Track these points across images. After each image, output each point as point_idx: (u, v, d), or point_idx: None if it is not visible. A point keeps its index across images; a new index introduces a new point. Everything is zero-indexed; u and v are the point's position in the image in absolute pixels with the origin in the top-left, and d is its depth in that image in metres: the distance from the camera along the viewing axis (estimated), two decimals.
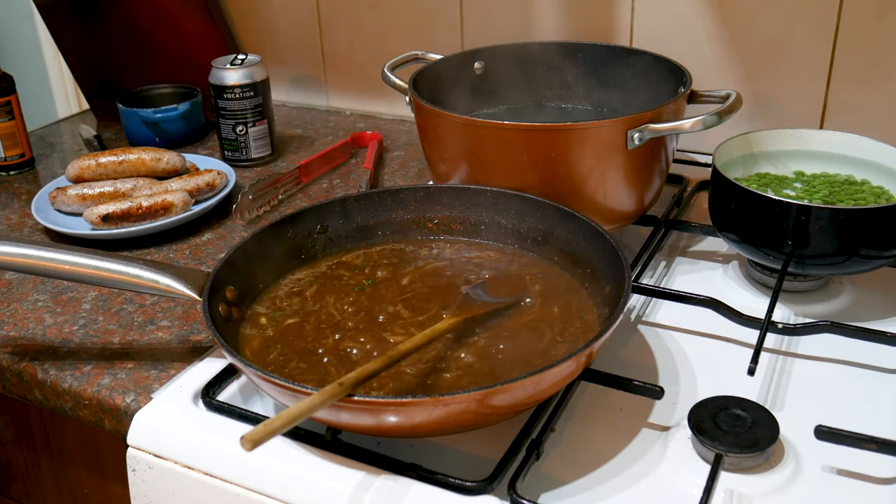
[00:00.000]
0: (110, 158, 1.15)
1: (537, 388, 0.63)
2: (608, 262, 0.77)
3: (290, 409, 0.57)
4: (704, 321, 0.83)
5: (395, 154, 1.30)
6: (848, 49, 1.08)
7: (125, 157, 1.15)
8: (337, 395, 0.60)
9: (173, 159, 1.17)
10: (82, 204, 1.11)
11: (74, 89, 1.82)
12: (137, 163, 1.15)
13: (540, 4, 1.25)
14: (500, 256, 0.88)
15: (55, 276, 0.78)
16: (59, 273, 0.78)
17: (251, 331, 0.78)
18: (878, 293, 0.88)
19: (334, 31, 1.45)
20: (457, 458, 0.68)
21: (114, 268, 0.77)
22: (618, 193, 0.92)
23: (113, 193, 1.12)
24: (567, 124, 0.88)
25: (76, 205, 1.11)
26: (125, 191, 1.12)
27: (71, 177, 1.15)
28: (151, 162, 1.15)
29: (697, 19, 1.15)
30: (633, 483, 0.65)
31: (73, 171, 1.15)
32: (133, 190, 1.12)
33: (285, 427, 0.57)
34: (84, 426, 0.87)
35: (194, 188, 1.11)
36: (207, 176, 1.13)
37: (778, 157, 0.96)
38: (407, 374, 0.70)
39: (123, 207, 1.05)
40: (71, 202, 1.11)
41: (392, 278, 0.85)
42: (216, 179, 1.14)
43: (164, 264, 0.78)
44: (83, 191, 1.11)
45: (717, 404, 0.69)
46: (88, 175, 1.14)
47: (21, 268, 0.78)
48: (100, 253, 0.78)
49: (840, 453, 0.66)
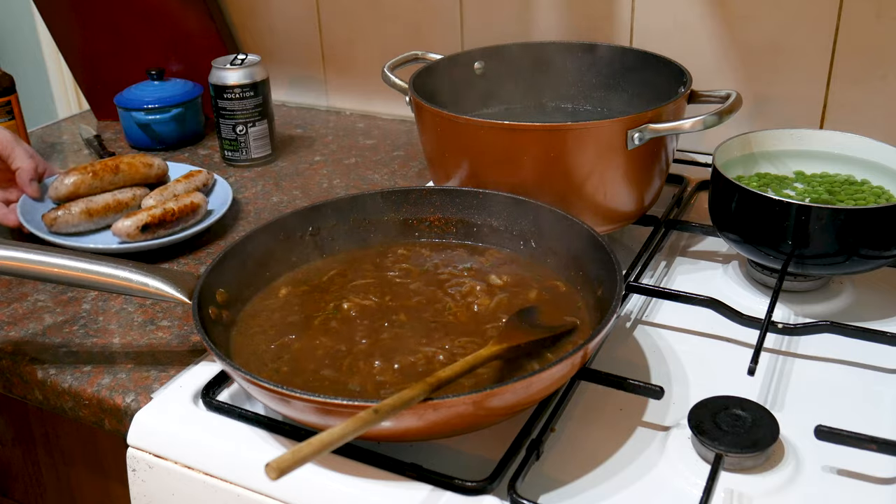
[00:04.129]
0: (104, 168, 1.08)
1: (529, 391, 0.63)
2: (601, 264, 0.76)
3: (319, 437, 0.54)
4: (704, 321, 0.83)
5: (395, 154, 1.30)
6: (848, 49, 1.08)
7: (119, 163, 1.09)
8: (371, 423, 0.56)
9: (163, 165, 1.13)
10: (90, 220, 1.03)
11: (74, 89, 1.82)
12: (132, 171, 1.09)
13: (540, 4, 1.25)
14: (496, 258, 0.88)
15: (45, 279, 0.77)
16: (48, 276, 0.76)
17: (242, 333, 0.78)
18: (878, 293, 0.88)
19: (334, 31, 1.45)
20: (457, 458, 0.68)
21: (104, 271, 0.76)
22: (618, 193, 0.92)
23: (118, 204, 1.05)
24: (567, 124, 0.88)
25: (83, 222, 1.03)
26: (127, 200, 1.07)
27: (62, 195, 1.05)
28: (144, 168, 1.10)
29: (697, 19, 1.15)
30: (633, 483, 0.65)
31: (63, 189, 1.05)
32: (133, 199, 1.07)
33: (314, 455, 0.53)
34: (84, 426, 0.87)
35: (195, 188, 1.10)
36: (201, 176, 1.11)
37: (778, 157, 0.96)
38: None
39: (157, 213, 0.99)
40: (76, 220, 1.02)
41: (382, 282, 0.84)
42: (207, 179, 1.12)
43: (154, 267, 0.78)
44: (87, 205, 1.03)
45: (717, 404, 0.69)
46: (83, 190, 1.06)
47: (10, 271, 0.77)
48: (90, 256, 0.77)
49: (840, 453, 0.66)
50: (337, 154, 1.32)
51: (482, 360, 0.68)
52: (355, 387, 0.70)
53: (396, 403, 0.58)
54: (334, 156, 1.31)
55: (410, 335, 0.76)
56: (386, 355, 0.73)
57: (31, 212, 1.05)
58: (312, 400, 0.61)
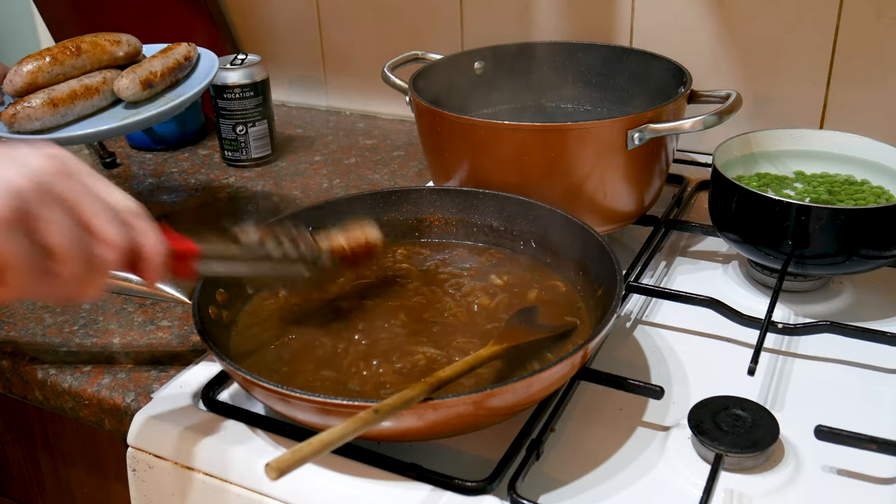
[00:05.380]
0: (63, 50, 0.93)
1: (529, 391, 0.63)
2: (601, 264, 0.76)
3: (319, 437, 0.54)
4: (704, 321, 0.83)
5: (395, 154, 1.30)
6: (848, 49, 1.08)
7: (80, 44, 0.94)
8: (371, 423, 0.57)
9: (133, 41, 0.99)
10: (55, 112, 0.89)
11: None
12: (97, 51, 0.95)
13: (540, 4, 1.25)
14: (496, 258, 0.88)
15: None
16: None
17: (242, 333, 0.78)
18: (878, 293, 0.88)
19: (334, 30, 1.45)
20: (457, 458, 0.68)
21: None
22: (618, 193, 0.92)
23: (87, 90, 0.92)
24: (567, 124, 0.88)
25: (48, 116, 0.89)
26: (96, 84, 0.93)
27: (18, 87, 0.90)
28: (111, 47, 0.96)
29: (697, 19, 1.15)
30: (633, 483, 0.65)
31: (18, 80, 0.89)
32: (104, 83, 0.93)
33: (314, 455, 0.53)
34: (84, 426, 0.87)
35: (175, 63, 0.98)
36: (182, 48, 0.99)
37: (778, 157, 0.96)
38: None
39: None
40: (39, 114, 0.89)
41: (382, 282, 0.84)
42: (190, 51, 1.00)
43: None
44: (50, 95, 0.89)
45: (717, 404, 0.69)
46: (43, 79, 0.91)
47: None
48: None
49: (840, 453, 0.66)
50: (337, 154, 1.32)
51: (482, 360, 0.68)
52: (355, 387, 0.70)
53: (396, 403, 0.58)
54: (334, 156, 1.31)
55: (410, 335, 0.76)
56: (386, 355, 0.73)
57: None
58: (312, 400, 0.61)
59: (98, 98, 0.93)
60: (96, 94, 0.93)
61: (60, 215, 0.54)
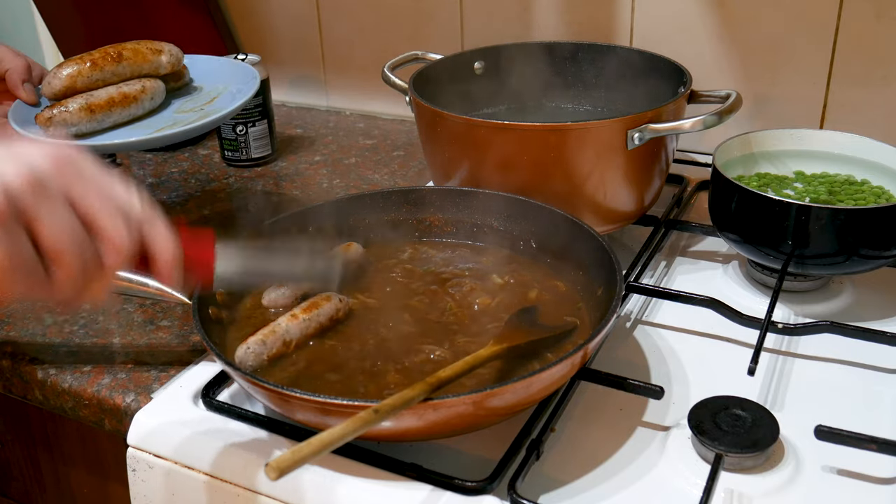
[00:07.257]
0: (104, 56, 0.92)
1: (529, 391, 0.63)
2: (600, 264, 0.76)
3: (319, 437, 0.54)
4: (704, 321, 0.83)
5: (395, 154, 1.30)
6: (848, 49, 1.08)
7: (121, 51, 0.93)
8: (371, 423, 0.57)
9: (175, 51, 0.96)
10: (92, 119, 0.89)
11: None
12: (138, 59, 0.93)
13: (540, 4, 1.25)
14: (496, 258, 0.88)
15: None
16: None
17: (242, 333, 0.77)
18: (878, 293, 0.88)
19: (334, 31, 1.45)
20: (457, 458, 0.68)
21: None
22: (618, 193, 0.92)
23: (125, 98, 0.91)
24: (567, 124, 0.88)
25: (84, 122, 0.88)
26: (135, 93, 0.92)
27: (56, 91, 0.89)
28: (152, 55, 0.94)
29: (697, 19, 1.15)
30: (633, 483, 0.65)
31: (57, 83, 0.89)
32: (143, 92, 0.92)
33: (314, 455, 0.53)
34: (84, 426, 0.87)
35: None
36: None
37: (778, 157, 0.96)
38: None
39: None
40: (76, 119, 0.88)
41: (383, 282, 0.84)
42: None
43: None
44: (88, 100, 0.89)
45: (717, 404, 0.69)
46: (81, 84, 0.90)
47: None
48: None
49: (840, 453, 0.66)
50: (337, 154, 1.32)
51: (482, 360, 0.68)
52: (357, 387, 0.70)
53: (396, 403, 0.58)
54: (334, 156, 1.31)
55: (411, 335, 0.76)
56: (387, 355, 0.73)
57: (25, 117, 0.90)
58: (312, 400, 0.61)
59: (135, 107, 0.92)
60: (134, 102, 0.92)
61: (59, 214, 0.52)
